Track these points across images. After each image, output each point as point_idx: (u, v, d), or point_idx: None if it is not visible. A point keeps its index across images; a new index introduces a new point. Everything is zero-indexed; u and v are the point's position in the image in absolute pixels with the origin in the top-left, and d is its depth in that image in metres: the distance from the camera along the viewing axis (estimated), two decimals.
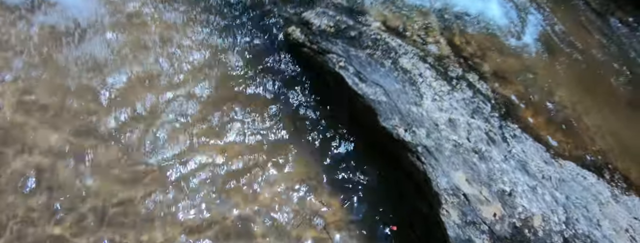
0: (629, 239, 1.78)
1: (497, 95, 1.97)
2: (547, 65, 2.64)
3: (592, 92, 2.77)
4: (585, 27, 3.53)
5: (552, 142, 2.03)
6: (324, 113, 1.54)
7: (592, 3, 4.12)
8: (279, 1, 1.97)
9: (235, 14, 1.86)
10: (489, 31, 2.52)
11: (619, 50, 3.73)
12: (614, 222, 1.77)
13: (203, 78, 1.52)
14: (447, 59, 1.94)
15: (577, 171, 1.94)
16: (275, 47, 1.71)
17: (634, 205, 2.13)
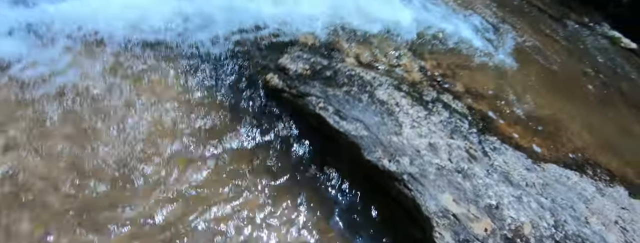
0: (619, 230, 1.86)
1: (473, 112, 2.09)
2: (516, 74, 2.80)
3: (563, 94, 2.93)
4: (547, 34, 3.77)
5: (532, 148, 2.14)
6: (311, 154, 1.62)
7: (549, 10, 4.40)
8: (254, 50, 2.08)
9: (211, 67, 1.92)
10: (457, 51, 2.68)
11: (582, 51, 3.97)
12: (602, 216, 1.85)
13: (180, 135, 1.56)
14: (421, 84, 2.07)
15: (559, 172, 2.04)
16: (255, 95, 1.80)
17: (619, 195, 2.23)
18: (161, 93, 1.68)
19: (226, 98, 1.75)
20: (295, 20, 2.41)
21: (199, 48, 2.01)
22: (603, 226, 1.74)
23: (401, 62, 2.22)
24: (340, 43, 2.26)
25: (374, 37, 2.43)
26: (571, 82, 3.16)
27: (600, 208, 1.92)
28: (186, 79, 1.79)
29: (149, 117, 1.57)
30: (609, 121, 2.98)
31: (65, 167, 1.39)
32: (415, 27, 2.72)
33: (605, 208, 1.95)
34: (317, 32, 2.33)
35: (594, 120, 2.83)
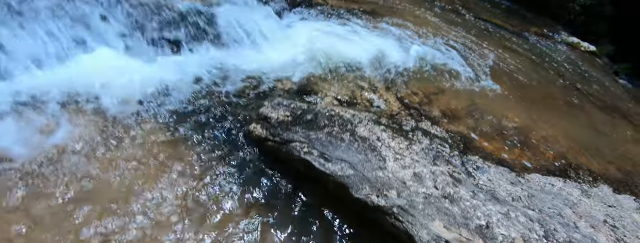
0: (609, 229, 1.92)
1: (452, 134, 2.20)
2: (488, 92, 2.96)
3: (536, 104, 3.09)
4: (511, 49, 4.02)
5: (514, 161, 2.24)
6: (300, 198, 1.67)
7: (510, 27, 4.70)
8: (236, 100, 2.17)
9: (194, 121, 1.98)
10: (430, 77, 2.85)
11: (547, 60, 4.23)
12: (591, 218, 1.92)
13: (168, 187, 1.60)
14: (399, 115, 2.19)
15: (543, 181, 2.13)
16: (241, 146, 1.87)
17: (604, 194, 2.31)
18: (146, 152, 1.73)
19: (212, 151, 1.80)
20: (272, 67, 2.55)
21: (183, 106, 2.09)
22: (592, 228, 1.81)
23: (378, 95, 2.35)
24: (317, 84, 2.39)
25: (349, 74, 2.58)
26: (541, 91, 3.34)
27: (588, 210, 2.00)
28: (172, 136, 1.85)
29: (133, 173, 1.62)
30: (583, 124, 3.14)
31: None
32: (388, 59, 2.88)
33: (592, 210, 2.02)
34: (294, 76, 2.47)
35: (569, 125, 2.97)
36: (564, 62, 4.41)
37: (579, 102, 3.48)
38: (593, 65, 4.75)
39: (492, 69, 3.36)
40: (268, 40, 2.80)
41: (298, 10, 3.40)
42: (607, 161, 2.73)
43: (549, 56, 4.40)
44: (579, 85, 3.93)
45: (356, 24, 3.27)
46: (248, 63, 2.56)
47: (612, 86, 4.33)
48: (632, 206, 2.32)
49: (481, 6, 5.24)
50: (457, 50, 3.44)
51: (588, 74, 4.38)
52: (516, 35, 4.58)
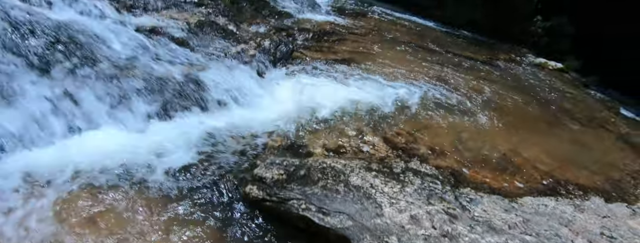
0: (607, 241, 1.99)
1: (442, 170, 2.32)
2: (468, 122, 3.13)
3: (516, 127, 3.26)
4: (484, 77, 4.28)
5: (505, 187, 2.35)
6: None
7: (480, 57, 5.04)
8: (230, 162, 2.25)
9: (188, 188, 2.02)
10: (412, 115, 3.02)
11: (519, 83, 4.50)
12: (587, 233, 1.99)
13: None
14: (388, 158, 2.32)
15: (536, 203, 2.22)
16: (238, 209, 1.92)
17: (597, 206, 2.41)
18: (142, 219, 1.77)
19: (209, 216, 1.83)
20: (261, 125, 2.69)
21: (176, 174, 2.12)
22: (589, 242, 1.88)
23: (365, 140, 2.50)
24: (305, 137, 2.53)
25: (335, 123, 2.73)
26: (519, 114, 3.53)
27: (583, 225, 2.08)
28: (167, 205, 1.88)
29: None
30: (564, 139, 3.30)
31: None
32: (370, 104, 3.06)
33: (587, 224, 2.10)
34: (283, 132, 2.60)
35: (551, 143, 3.13)
36: (536, 83, 4.69)
37: (556, 119, 3.67)
38: (563, 81, 5.04)
39: (470, 99, 3.57)
40: (253, 99, 2.98)
41: (279, 66, 3.64)
42: (594, 172, 2.86)
43: (521, 79, 4.69)
44: (553, 102, 4.16)
45: (336, 73, 3.51)
46: (237, 124, 2.69)
47: (584, 98, 4.58)
48: (625, 213, 2.41)
49: (451, 41, 5.62)
50: (434, 85, 3.67)
51: (560, 90, 4.64)
52: (487, 64, 4.89)
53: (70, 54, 2.58)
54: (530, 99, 4.05)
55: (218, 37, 3.90)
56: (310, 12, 5.63)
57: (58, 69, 2.46)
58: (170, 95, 2.73)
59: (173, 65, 2.99)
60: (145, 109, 2.56)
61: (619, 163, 3.14)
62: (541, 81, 4.75)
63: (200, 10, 4.27)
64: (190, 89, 2.85)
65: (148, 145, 2.34)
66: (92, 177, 2.00)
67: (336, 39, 4.52)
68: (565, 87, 4.72)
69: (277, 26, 4.58)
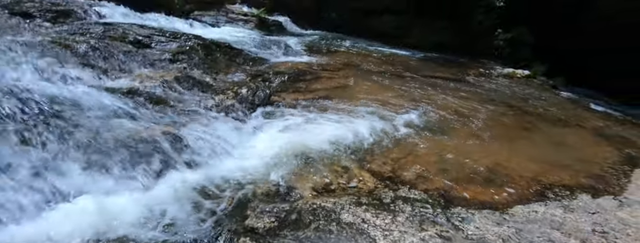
0: (599, 237, 2.05)
1: (431, 193, 2.39)
2: (449, 141, 3.25)
3: (495, 138, 3.40)
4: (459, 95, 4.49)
5: (494, 200, 2.41)
6: None
7: (451, 76, 5.29)
8: (219, 214, 2.25)
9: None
10: (395, 143, 3.12)
11: (492, 95, 4.71)
12: (579, 232, 2.06)
13: None
14: (377, 189, 2.39)
15: (526, 211, 2.29)
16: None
17: (585, 203, 2.49)
18: None
19: None
20: (247, 173, 2.71)
21: (165, 233, 2.08)
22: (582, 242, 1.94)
23: (352, 175, 2.57)
24: (292, 180, 2.57)
25: (320, 162, 2.79)
26: (496, 125, 3.69)
27: (575, 225, 2.14)
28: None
29: None
30: (542, 143, 3.45)
31: None
32: (352, 138, 3.15)
33: (578, 223, 2.17)
34: (269, 178, 2.63)
35: (530, 149, 3.26)
36: (508, 92, 4.93)
37: (533, 124, 3.84)
38: (533, 87, 5.31)
39: (448, 118, 3.73)
40: (236, 148, 3.05)
41: (259, 113, 3.75)
42: (577, 170, 2.97)
43: (493, 90, 4.92)
44: (527, 108, 4.36)
45: (315, 112, 3.64)
46: (223, 176, 2.71)
47: (555, 100, 4.82)
48: (613, 205, 2.50)
49: (421, 65, 5.92)
50: (412, 110, 3.82)
51: (531, 95, 4.88)
52: (459, 81, 5.15)
53: (46, 124, 2.65)
54: (505, 108, 4.25)
55: (195, 91, 4.04)
56: (283, 55, 5.89)
57: (33, 139, 2.51)
58: (152, 155, 2.77)
59: (152, 125, 3.06)
60: (127, 172, 2.59)
61: (599, 158, 3.27)
62: (512, 90, 4.99)
63: (176, 66, 4.44)
64: (172, 147, 2.90)
65: (134, 207, 2.30)
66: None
67: (312, 78, 4.72)
68: (535, 92, 4.97)
69: (253, 73, 4.78)
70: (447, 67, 5.92)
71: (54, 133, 2.59)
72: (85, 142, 2.59)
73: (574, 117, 4.24)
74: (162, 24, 5.85)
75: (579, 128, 3.94)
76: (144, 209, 2.33)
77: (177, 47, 4.83)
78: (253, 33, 7.28)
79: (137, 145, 2.79)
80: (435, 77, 5.13)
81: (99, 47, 4.13)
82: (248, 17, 9.08)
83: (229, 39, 6.00)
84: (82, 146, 2.54)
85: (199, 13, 8.95)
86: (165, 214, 2.30)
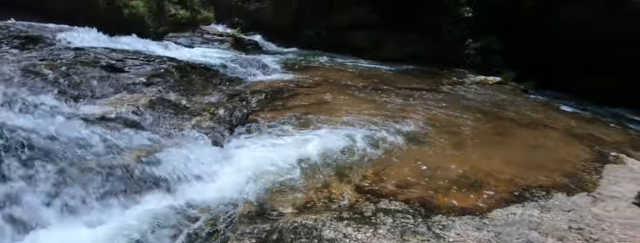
0: (576, 234, 2.11)
1: (411, 202, 2.42)
2: (427, 150, 3.30)
3: (471, 144, 3.48)
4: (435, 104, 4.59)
5: (474, 205, 2.46)
6: None
7: (426, 86, 5.42)
8: (201, 239, 2.22)
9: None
10: (374, 155, 3.15)
11: (466, 102, 4.84)
12: (556, 231, 2.12)
13: None
14: (358, 202, 2.40)
15: (504, 214, 2.34)
16: None
17: (560, 202, 2.57)
18: None
19: None
20: (226, 196, 2.68)
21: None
22: (560, 241, 1.99)
23: (333, 190, 2.57)
24: (272, 199, 2.56)
25: (300, 179, 2.79)
26: (472, 131, 3.79)
27: (552, 224, 2.20)
28: None
29: None
30: (516, 146, 3.56)
31: None
32: (331, 153, 3.16)
33: (555, 222, 2.23)
34: (248, 198, 2.60)
35: (505, 152, 3.36)
36: (481, 98, 5.08)
37: (506, 129, 3.97)
38: (504, 92, 5.50)
39: (426, 128, 3.81)
40: (215, 170, 3.01)
41: (237, 133, 3.74)
42: (551, 170, 3.07)
43: (467, 98, 5.07)
44: (500, 113, 4.51)
45: (293, 130, 3.65)
46: (203, 199, 2.67)
47: (526, 104, 4.99)
48: (587, 202, 2.58)
49: (397, 77, 6.06)
50: (390, 122, 3.88)
51: (503, 100, 5.05)
52: (434, 91, 5.28)
53: (12, 155, 2.56)
54: (479, 115, 4.37)
55: (171, 114, 3.99)
56: (260, 74, 5.93)
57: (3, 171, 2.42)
58: (126, 182, 2.71)
59: (127, 151, 3.00)
60: (100, 201, 2.51)
61: (571, 157, 3.39)
62: (485, 96, 5.16)
63: (150, 90, 4.39)
64: (148, 172, 2.85)
65: (108, 238, 2.27)
66: None
67: (289, 95, 4.75)
68: (507, 97, 5.15)
69: (230, 93, 4.77)
70: (422, 77, 6.07)
71: (20, 164, 2.51)
72: (54, 172, 2.51)
73: (546, 119, 4.40)
74: (136, 47, 5.80)
75: (551, 130, 4.09)
76: (121, 239, 2.27)
77: (151, 70, 4.79)
78: (229, 53, 7.32)
79: (110, 172, 2.72)
80: (411, 89, 5.25)
81: (69, 73, 4.05)
82: (224, 37, 9.15)
83: (204, 60, 6.02)
84: (50, 176, 2.47)
85: (173, 35, 8.96)
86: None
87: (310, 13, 8.90)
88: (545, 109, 4.84)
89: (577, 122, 4.51)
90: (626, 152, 3.77)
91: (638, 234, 2.17)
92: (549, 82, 6.31)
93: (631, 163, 3.43)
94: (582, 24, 7.10)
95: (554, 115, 4.66)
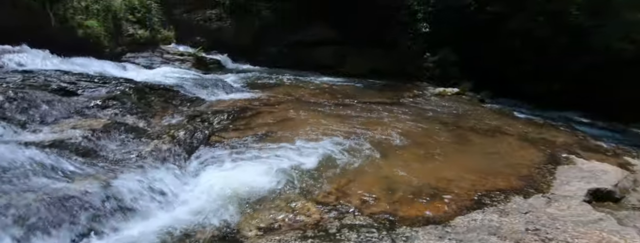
0: (532, 234, 2.20)
1: (376, 216, 2.44)
2: (391, 162, 3.34)
3: (432, 154, 3.58)
4: (397, 117, 4.69)
5: (438, 214, 2.51)
6: None
7: (387, 100, 5.54)
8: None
9: None
10: (337, 171, 3.14)
11: (426, 114, 4.98)
12: (514, 233, 2.22)
13: None
14: (322, 220, 2.38)
15: (466, 220, 2.41)
16: None
17: (518, 205, 2.71)
18: None
19: None
20: (190, 221, 2.55)
21: None
22: (514, 241, 2.07)
23: (297, 209, 2.54)
24: (236, 221, 2.48)
25: (263, 199, 2.70)
26: (433, 142, 3.90)
27: (510, 227, 2.29)
28: None
29: None
30: (475, 153, 3.70)
31: None
32: (295, 171, 3.10)
33: (513, 225, 2.32)
34: (212, 222, 2.50)
35: (465, 160, 3.48)
36: (440, 109, 5.28)
37: (465, 138, 4.13)
38: (462, 102, 5.75)
39: (388, 141, 3.87)
40: (176, 195, 2.89)
41: (198, 155, 3.62)
42: (509, 174, 3.21)
43: (427, 110, 5.24)
44: (459, 122, 4.69)
45: (256, 149, 3.58)
46: (163, 225, 2.55)
47: (483, 112, 5.24)
48: (542, 202, 2.71)
49: (359, 92, 6.18)
50: (353, 137, 3.90)
51: (461, 110, 5.27)
52: (396, 104, 5.43)
53: None
54: (439, 125, 4.53)
55: (128, 138, 3.82)
56: (222, 93, 5.85)
57: None
58: (80, 213, 2.55)
59: (79, 180, 2.83)
60: (51, 236, 2.35)
61: (526, 160, 3.57)
62: (444, 107, 5.37)
63: (105, 113, 4.20)
64: (104, 201, 2.70)
65: None
66: None
67: (252, 114, 4.71)
68: (465, 107, 5.38)
69: (191, 114, 4.66)
70: (384, 91, 6.24)
71: None
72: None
73: (501, 126, 4.63)
74: (91, 69, 5.55)
75: (506, 136, 4.30)
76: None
77: (106, 93, 4.61)
78: (190, 73, 7.19)
79: (62, 203, 2.55)
80: (373, 103, 5.36)
81: (16, 98, 3.80)
82: (185, 57, 8.99)
83: (164, 81, 5.86)
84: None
85: (132, 55, 8.68)
86: None
87: (273, 31, 8.99)
88: (501, 117, 5.09)
89: (530, 127, 4.77)
90: (575, 152, 4.03)
91: (589, 230, 2.30)
92: (503, 90, 6.69)
93: (580, 163, 3.66)
94: (528, 35, 7.65)
95: (509, 122, 4.91)
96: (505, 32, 7.94)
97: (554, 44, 7.69)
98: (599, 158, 3.88)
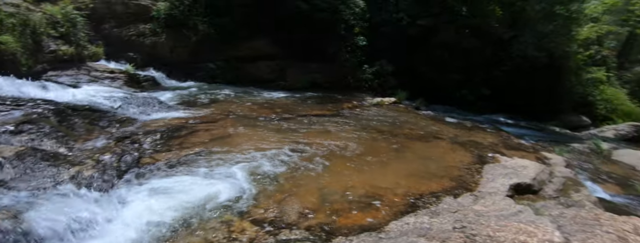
0: (459, 233, 2.31)
1: (313, 229, 2.44)
2: (329, 174, 3.37)
3: (369, 163, 3.67)
4: (336, 129, 4.75)
5: (375, 220, 2.57)
6: None
7: (327, 112, 5.60)
8: None
9: None
10: (271, 186, 3.10)
11: (365, 125, 5.11)
12: (442, 233, 2.30)
13: None
14: (258, 238, 2.34)
15: (399, 225, 2.49)
16: None
17: (448, 205, 2.81)
18: None
19: None
20: None
21: None
22: (444, 242, 2.17)
23: (233, 229, 2.46)
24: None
25: (197, 222, 2.57)
26: (370, 151, 4.02)
27: (439, 227, 2.39)
28: None
29: None
30: (411, 159, 3.87)
31: None
32: (230, 190, 2.99)
33: (442, 225, 2.43)
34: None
35: (401, 167, 3.62)
36: (378, 119, 5.47)
37: (401, 145, 4.31)
38: (399, 111, 6.02)
39: (325, 152, 3.91)
40: (100, 224, 2.67)
41: (127, 179, 3.38)
42: (441, 177, 3.39)
43: (366, 120, 5.41)
44: (395, 131, 4.89)
45: (190, 170, 3.40)
46: None
47: (417, 119, 5.53)
48: (469, 201, 2.88)
49: (299, 105, 6.20)
50: (291, 151, 3.87)
51: (398, 119, 5.51)
52: (335, 116, 5.53)
53: None
54: (376, 134, 4.68)
55: (45, 165, 3.47)
56: (155, 112, 5.56)
57: None
58: None
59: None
60: None
61: (457, 162, 3.81)
62: (382, 116, 5.58)
63: (19, 139, 3.80)
64: (13, 237, 2.42)
65: None
66: None
67: (187, 132, 4.52)
68: (401, 115, 5.64)
69: (120, 135, 4.36)
70: (324, 104, 6.34)
71: None
72: None
73: (434, 132, 4.91)
74: (3, 90, 5.02)
75: (439, 140, 4.56)
76: None
77: (21, 116, 4.17)
78: (121, 91, 6.75)
79: None
80: (313, 115, 5.42)
81: None
82: (116, 74, 8.44)
83: (91, 101, 5.44)
84: None
85: (54, 73, 7.96)
86: None
87: (211, 46, 8.80)
88: (434, 122, 5.41)
89: (461, 130, 5.11)
90: (500, 151, 4.38)
91: (509, 223, 2.47)
92: (436, 98, 7.14)
93: (504, 160, 3.98)
94: (457, 47, 8.30)
95: (442, 127, 5.22)
96: (436, 44, 8.56)
97: (480, 54, 8.43)
98: (520, 155, 4.25)
